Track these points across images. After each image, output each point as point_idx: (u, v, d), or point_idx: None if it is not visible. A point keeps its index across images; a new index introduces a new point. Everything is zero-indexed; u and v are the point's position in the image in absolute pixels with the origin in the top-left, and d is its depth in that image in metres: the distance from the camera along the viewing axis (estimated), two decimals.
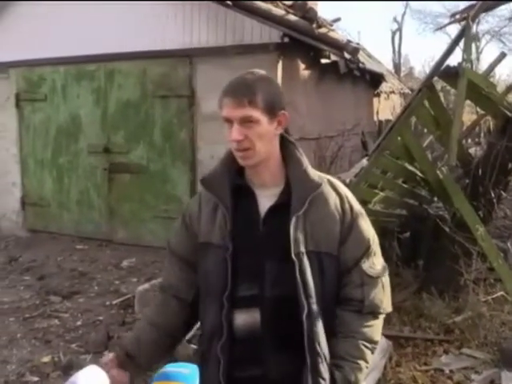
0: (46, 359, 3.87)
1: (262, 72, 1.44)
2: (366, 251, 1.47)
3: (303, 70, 6.37)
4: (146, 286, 4.66)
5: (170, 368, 1.09)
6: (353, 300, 1.46)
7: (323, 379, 1.38)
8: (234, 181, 1.44)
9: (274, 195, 1.43)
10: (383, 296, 1.48)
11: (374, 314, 1.48)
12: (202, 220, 1.48)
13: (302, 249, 1.37)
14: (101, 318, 4.63)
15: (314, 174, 1.45)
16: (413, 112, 4.31)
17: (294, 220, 1.37)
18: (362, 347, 1.45)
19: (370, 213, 1.57)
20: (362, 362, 1.44)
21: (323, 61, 6.34)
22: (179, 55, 6.06)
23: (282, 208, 1.40)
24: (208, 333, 1.45)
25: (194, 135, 6.21)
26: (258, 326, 1.39)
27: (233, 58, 5.58)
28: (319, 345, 1.38)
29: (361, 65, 7.40)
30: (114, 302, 4.98)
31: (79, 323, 4.53)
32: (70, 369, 3.56)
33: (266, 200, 1.43)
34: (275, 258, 1.39)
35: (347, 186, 3.11)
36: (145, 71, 6.43)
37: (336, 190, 1.47)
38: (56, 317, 4.67)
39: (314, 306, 1.37)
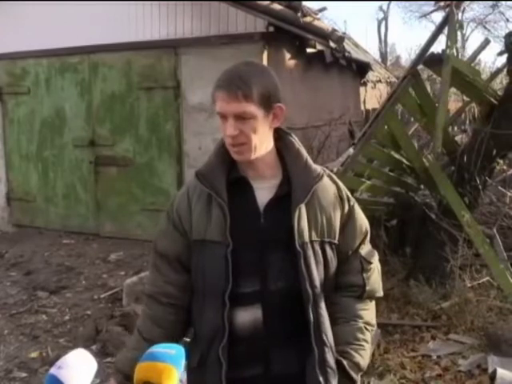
0: (33, 355, 3.84)
1: (257, 62, 1.41)
2: (364, 238, 1.49)
3: (289, 60, 6.32)
4: (134, 279, 4.64)
5: (157, 349, 1.08)
6: (354, 286, 1.47)
7: (331, 368, 1.38)
8: (230, 173, 1.40)
9: (272, 187, 1.40)
10: (380, 280, 1.52)
11: (372, 298, 1.51)
12: (193, 216, 1.41)
13: (306, 239, 1.36)
14: (89, 312, 4.60)
15: (314, 165, 1.44)
16: (398, 99, 4.27)
17: (297, 211, 1.35)
18: (364, 330, 1.47)
19: (357, 201, 1.57)
20: (365, 344, 1.46)
21: (309, 50, 6.31)
22: (164, 46, 6.00)
23: (281, 200, 1.38)
24: (207, 334, 1.40)
25: (180, 127, 6.15)
26: (261, 322, 1.36)
27: (218, 48, 5.54)
28: (326, 335, 1.38)
29: (347, 54, 7.34)
30: (102, 296, 4.95)
31: (67, 318, 4.49)
32: None
33: (264, 192, 1.40)
34: (278, 250, 1.37)
35: (335, 175, 3.31)
36: (129, 63, 6.34)
37: (332, 179, 1.47)
38: (43, 312, 4.64)
39: (319, 296, 1.37)
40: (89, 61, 6.56)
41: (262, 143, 1.36)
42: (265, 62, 5.58)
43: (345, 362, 1.41)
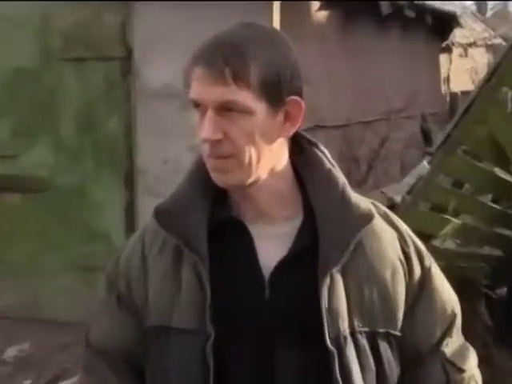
0: None
1: (265, 25, 1.06)
2: (450, 326, 1.11)
3: (317, 12, 5.15)
4: None
5: None
6: None
7: None
8: (215, 212, 1.04)
9: (285, 236, 1.03)
10: None
11: None
12: (150, 284, 1.06)
13: (344, 329, 0.99)
14: None
15: (357, 198, 1.05)
16: (505, 78, 3.46)
17: (327, 279, 0.98)
18: None
19: (437, 254, 1.28)
20: None
21: None
22: None
23: (300, 258, 1.01)
24: None
25: (132, 125, 4.75)
26: None
27: None
28: None
29: (416, 0, 6.01)
30: None
31: None
32: None
33: (271, 245, 1.03)
34: (295, 346, 1.00)
35: (398, 208, 3.07)
36: (47, 18, 4.88)
37: (392, 225, 1.09)
38: None
39: None
40: None
41: (265, 159, 1.00)
42: (275, 17, 4.45)
43: None
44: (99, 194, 4.85)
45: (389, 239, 1.06)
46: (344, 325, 1.00)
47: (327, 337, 0.98)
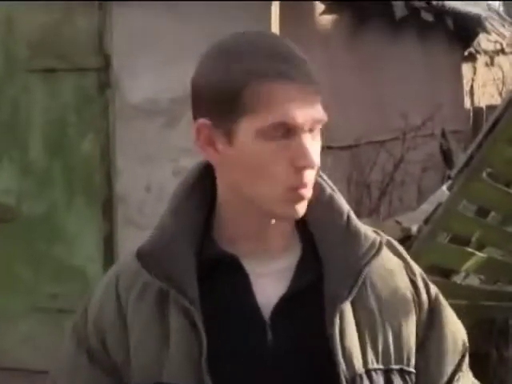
0: None
1: (271, 33, 1.31)
2: (462, 360, 1.11)
3: (321, 16, 4.92)
4: None
5: None
6: None
7: None
8: (204, 246, 1.01)
9: (283, 269, 1.02)
10: None
11: None
12: (130, 336, 1.00)
13: (359, 367, 0.98)
14: None
15: (363, 226, 1.08)
16: None
17: (337, 315, 0.97)
18: None
19: (458, 292, 1.27)
20: None
21: None
22: None
23: (302, 295, 1.02)
24: None
25: (111, 145, 4.46)
26: None
27: None
28: None
29: (435, 1, 5.61)
30: None
31: None
32: None
33: (267, 280, 1.02)
34: None
35: (414, 239, 3.21)
36: (11, 22, 4.51)
37: (396, 252, 1.11)
38: None
39: None
40: None
41: None
42: (273, 18, 4.12)
43: None
44: (72, 224, 4.48)
45: (396, 269, 1.06)
46: (358, 364, 0.99)
47: (342, 378, 0.97)
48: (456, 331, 1.10)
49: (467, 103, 7.79)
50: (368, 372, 0.99)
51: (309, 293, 0.99)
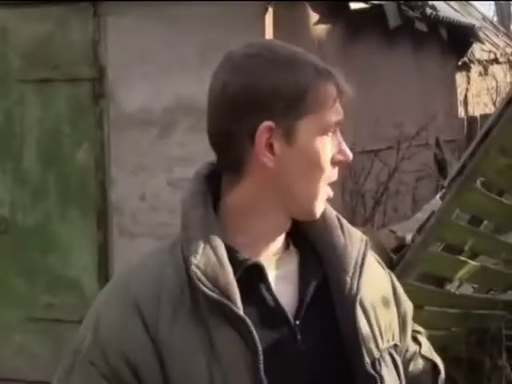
0: None
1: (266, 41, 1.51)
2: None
3: (315, 26, 4.94)
4: None
5: None
6: None
7: None
8: (231, 255, 1.00)
9: (291, 272, 1.05)
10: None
11: None
12: (170, 366, 0.94)
13: (376, 352, 1.05)
14: None
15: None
16: None
17: (359, 311, 1.03)
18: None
19: (452, 301, 1.30)
20: None
21: (354, 6, 4.82)
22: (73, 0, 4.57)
23: (314, 293, 1.07)
24: None
25: (105, 155, 4.49)
26: None
27: (176, 3, 4.14)
28: None
29: (429, 10, 5.63)
30: None
31: None
32: None
33: (282, 283, 1.04)
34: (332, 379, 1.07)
35: (408, 248, 3.16)
36: (5, 32, 4.56)
37: (379, 262, 1.25)
38: None
39: None
40: None
41: None
42: (268, 29, 4.19)
43: None
44: (67, 234, 4.49)
45: (372, 259, 1.14)
46: (375, 349, 1.06)
47: (366, 363, 1.03)
48: (406, 298, 1.20)
49: (461, 113, 7.83)
50: (381, 355, 1.05)
51: (319, 292, 1.02)
